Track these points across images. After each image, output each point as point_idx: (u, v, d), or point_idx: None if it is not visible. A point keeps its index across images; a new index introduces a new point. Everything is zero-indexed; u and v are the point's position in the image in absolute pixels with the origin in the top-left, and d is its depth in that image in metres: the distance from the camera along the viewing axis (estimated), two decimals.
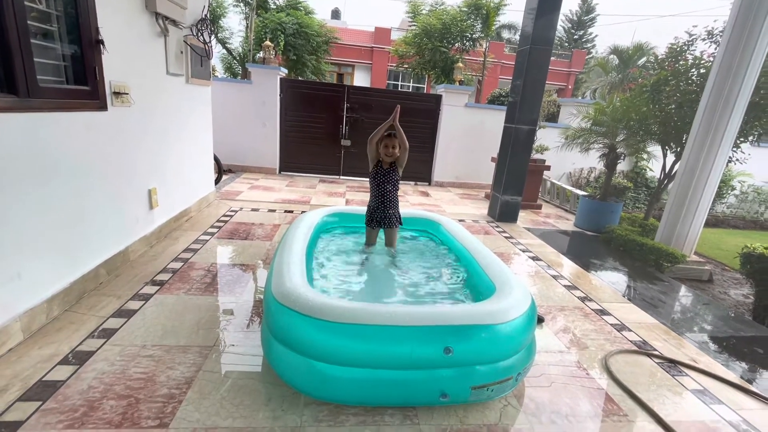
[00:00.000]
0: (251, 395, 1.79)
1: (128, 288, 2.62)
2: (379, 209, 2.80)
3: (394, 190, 2.80)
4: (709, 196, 4.39)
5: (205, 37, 4.06)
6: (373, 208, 2.83)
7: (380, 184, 2.77)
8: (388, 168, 2.77)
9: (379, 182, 2.77)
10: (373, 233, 2.91)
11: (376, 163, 2.80)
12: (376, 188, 2.79)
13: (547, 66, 4.77)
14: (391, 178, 2.77)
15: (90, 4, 2.36)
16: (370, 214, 2.85)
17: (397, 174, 2.79)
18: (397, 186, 2.81)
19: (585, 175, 8.33)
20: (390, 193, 2.78)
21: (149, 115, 3.21)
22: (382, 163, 2.78)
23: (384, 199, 2.78)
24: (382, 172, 2.77)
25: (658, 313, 3.13)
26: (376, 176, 2.78)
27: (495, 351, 1.76)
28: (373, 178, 2.79)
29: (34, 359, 1.88)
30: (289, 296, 1.78)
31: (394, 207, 2.83)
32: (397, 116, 2.66)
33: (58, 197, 2.24)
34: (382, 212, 2.80)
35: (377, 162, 2.79)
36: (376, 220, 2.82)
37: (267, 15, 12.57)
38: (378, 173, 2.77)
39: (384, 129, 2.70)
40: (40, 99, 2.03)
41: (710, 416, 1.94)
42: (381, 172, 2.77)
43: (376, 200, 2.80)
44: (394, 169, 2.77)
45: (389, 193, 2.78)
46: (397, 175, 2.79)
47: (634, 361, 2.34)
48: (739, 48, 3.92)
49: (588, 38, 25.97)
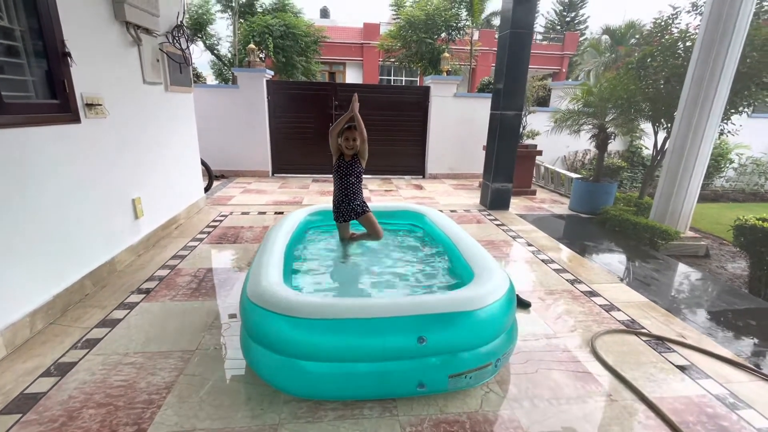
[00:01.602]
0: (231, 396, 1.79)
1: (114, 298, 2.63)
2: (343, 203, 2.78)
3: (358, 182, 2.79)
4: (700, 170, 4.33)
5: (182, 44, 4.06)
6: (338, 202, 2.80)
7: (343, 177, 2.75)
8: (350, 160, 2.76)
9: (341, 175, 2.76)
10: (344, 227, 2.90)
11: (338, 155, 2.79)
12: (339, 180, 2.77)
13: (528, 50, 4.71)
14: (354, 170, 2.76)
15: (53, 17, 2.36)
16: (336, 208, 2.83)
17: (359, 166, 2.77)
18: (360, 178, 2.80)
19: (580, 158, 8.26)
20: (353, 185, 2.77)
21: (127, 125, 3.21)
22: (344, 156, 2.77)
23: (348, 191, 2.77)
24: (345, 165, 2.76)
25: (650, 291, 3.10)
26: (339, 169, 2.77)
27: (471, 338, 1.75)
28: (336, 171, 2.78)
29: (17, 373, 1.89)
30: (262, 295, 1.78)
31: (358, 198, 2.80)
32: (356, 106, 2.65)
33: (35, 211, 2.25)
34: (346, 205, 2.78)
35: (339, 155, 2.78)
36: (342, 214, 2.80)
37: (254, 19, 12.54)
38: (341, 166, 2.76)
39: (344, 121, 2.69)
40: (6, 115, 2.03)
41: (696, 391, 1.92)
42: (343, 165, 2.76)
43: (340, 193, 2.78)
44: (356, 161, 2.76)
45: (352, 186, 2.76)
46: (359, 167, 2.78)
47: (621, 341, 2.32)
48: (721, 17, 3.85)
49: (580, 20, 25.64)
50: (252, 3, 13.38)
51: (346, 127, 2.71)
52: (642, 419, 1.74)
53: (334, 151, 2.78)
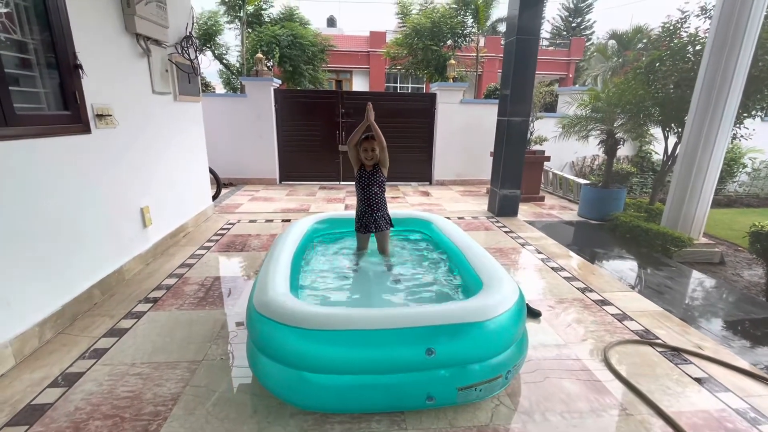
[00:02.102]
0: (237, 408, 1.77)
1: (122, 307, 2.64)
2: (366, 213, 2.77)
3: (381, 192, 2.78)
4: (713, 175, 4.24)
5: (191, 54, 4.11)
6: (360, 213, 2.80)
7: (365, 187, 2.74)
8: (371, 170, 2.74)
9: (364, 185, 2.74)
10: (364, 238, 2.88)
11: (359, 166, 2.77)
12: (361, 192, 2.77)
13: (535, 56, 4.69)
14: (376, 179, 2.74)
15: (66, 30, 2.40)
16: (358, 219, 2.82)
17: (381, 175, 2.76)
18: (383, 187, 2.79)
19: (588, 164, 8.17)
20: (376, 195, 2.76)
21: (137, 135, 3.25)
22: (364, 166, 2.75)
23: (371, 202, 2.75)
24: (366, 175, 2.74)
25: (663, 299, 3.02)
26: (360, 180, 2.75)
27: (481, 349, 1.71)
28: (358, 181, 2.77)
29: (25, 383, 1.90)
30: (268, 306, 1.77)
31: (382, 209, 2.80)
32: (371, 115, 2.64)
33: (46, 221, 2.27)
34: (369, 216, 2.77)
35: (360, 165, 2.77)
36: (364, 225, 2.79)
37: (261, 29, 12.73)
38: (362, 176, 2.75)
39: (361, 131, 2.68)
40: (17, 127, 2.06)
41: (715, 405, 1.85)
42: (365, 175, 2.74)
43: (363, 204, 2.77)
44: (378, 170, 2.74)
45: (375, 196, 2.75)
46: (382, 176, 2.76)
47: (635, 352, 2.26)
48: (732, 20, 3.80)
49: (586, 25, 25.61)
50: (260, 14, 13.59)
51: (363, 137, 2.70)
52: None
53: (355, 163, 2.77)
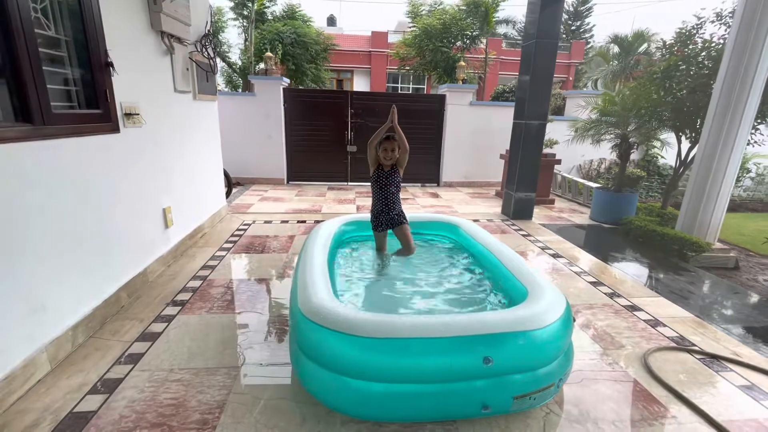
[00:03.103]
0: (285, 416, 1.74)
1: (150, 310, 2.59)
2: (383, 212, 2.79)
3: (397, 192, 2.80)
4: (730, 180, 4.27)
5: (210, 53, 4.06)
6: (377, 212, 2.81)
7: (383, 187, 2.75)
8: (389, 170, 2.76)
9: (381, 185, 2.76)
10: (382, 237, 2.89)
11: (376, 166, 2.78)
12: (378, 191, 2.77)
13: (554, 60, 4.69)
14: (393, 180, 2.76)
15: (98, 27, 2.35)
16: (375, 218, 2.84)
17: (398, 175, 2.78)
18: (399, 187, 2.81)
19: (595, 167, 8.21)
20: (393, 195, 2.78)
21: (160, 134, 3.19)
22: (382, 167, 2.77)
23: (387, 201, 2.77)
24: (384, 175, 2.76)
25: (689, 305, 3.03)
26: (378, 180, 2.76)
27: (535, 358, 1.69)
28: (375, 181, 2.78)
29: (63, 390, 1.85)
30: (318, 312, 1.73)
31: (398, 207, 2.82)
32: (395, 117, 2.64)
33: (77, 223, 2.22)
34: (386, 215, 2.79)
35: (378, 165, 2.77)
36: (382, 223, 2.82)
37: (265, 26, 12.65)
38: (380, 177, 2.76)
39: (383, 132, 2.67)
40: (54, 126, 2.01)
41: (763, 413, 1.85)
42: (383, 175, 2.76)
43: (380, 203, 2.78)
44: (395, 170, 2.76)
45: (392, 195, 2.78)
46: (398, 177, 2.78)
47: (675, 359, 2.26)
48: (753, 26, 3.82)
49: (586, 28, 25.78)
50: (263, 11, 13.51)
51: (384, 137, 2.70)
52: None
53: (372, 162, 2.77)
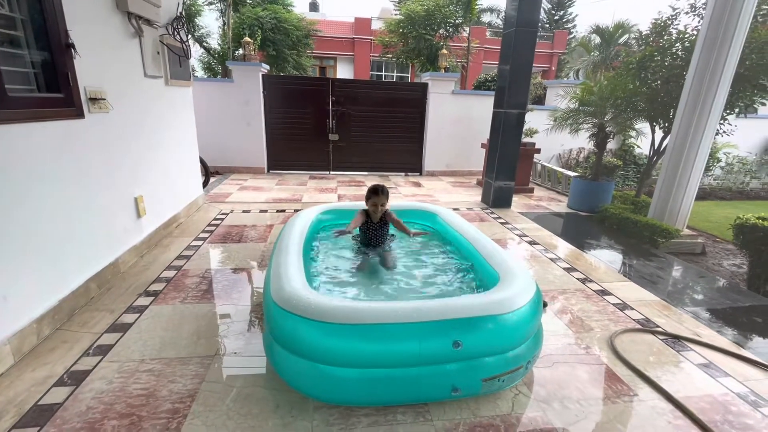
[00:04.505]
0: (258, 403, 1.74)
1: (121, 301, 2.53)
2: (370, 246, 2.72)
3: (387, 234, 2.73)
4: (699, 169, 4.42)
5: (182, 36, 3.92)
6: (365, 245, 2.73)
7: (371, 238, 2.67)
8: (378, 223, 2.63)
9: (370, 237, 2.67)
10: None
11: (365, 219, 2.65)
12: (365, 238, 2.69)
13: (533, 48, 4.71)
14: (383, 231, 2.68)
15: (57, 5, 2.23)
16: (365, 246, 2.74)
17: (387, 228, 2.67)
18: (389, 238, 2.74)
19: (574, 156, 8.36)
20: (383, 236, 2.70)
21: (129, 121, 3.08)
22: (370, 218, 2.62)
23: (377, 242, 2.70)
24: (373, 227, 2.63)
25: (657, 289, 3.15)
26: (366, 231, 2.65)
27: (504, 341, 1.74)
28: (363, 232, 2.67)
29: (28, 383, 1.80)
30: (290, 300, 1.73)
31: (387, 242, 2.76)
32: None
33: (40, 212, 2.14)
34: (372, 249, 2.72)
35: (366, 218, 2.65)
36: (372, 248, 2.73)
37: (244, 10, 12.27)
38: (369, 229, 2.63)
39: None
40: (10, 110, 1.91)
41: (718, 389, 1.95)
42: (372, 227, 2.62)
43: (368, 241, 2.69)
44: (386, 224, 2.65)
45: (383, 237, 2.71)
46: (387, 230, 2.67)
47: (640, 340, 2.35)
48: (723, 20, 3.92)
49: (569, 18, 25.94)
50: None
51: (372, 190, 2.57)
52: (671, 419, 1.75)
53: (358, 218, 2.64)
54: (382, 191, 2.53)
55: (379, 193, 2.53)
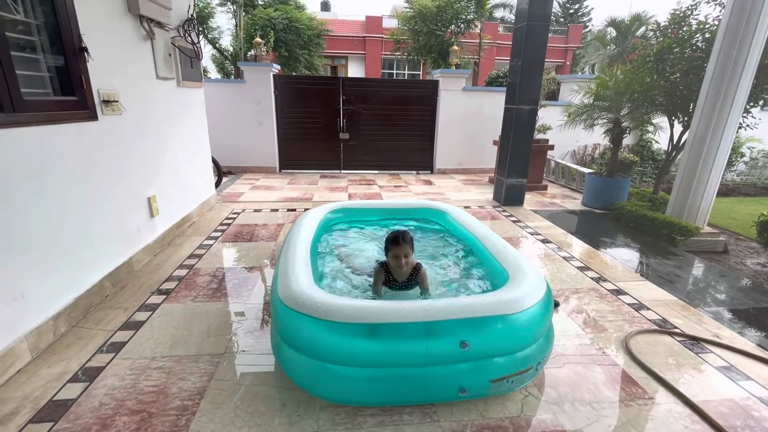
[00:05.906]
0: (265, 402, 1.75)
1: (134, 299, 2.58)
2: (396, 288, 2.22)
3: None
4: (720, 165, 4.26)
5: (193, 38, 3.97)
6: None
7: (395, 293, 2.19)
8: (406, 281, 2.15)
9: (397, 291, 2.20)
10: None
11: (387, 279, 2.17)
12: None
13: (545, 43, 4.62)
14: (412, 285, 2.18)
15: (70, 10, 2.28)
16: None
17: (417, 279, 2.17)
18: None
19: (590, 152, 8.18)
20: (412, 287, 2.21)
21: (142, 122, 3.14)
22: (393, 278, 2.12)
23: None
24: (397, 288, 2.16)
25: (675, 288, 3.05)
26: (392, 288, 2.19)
27: (513, 341, 1.70)
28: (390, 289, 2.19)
29: (44, 379, 1.85)
30: (297, 299, 1.73)
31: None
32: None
33: (56, 212, 2.19)
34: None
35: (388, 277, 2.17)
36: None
37: (256, 11, 12.40)
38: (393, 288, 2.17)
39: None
40: (26, 113, 1.96)
41: (739, 393, 1.87)
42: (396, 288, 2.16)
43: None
44: (414, 277, 2.15)
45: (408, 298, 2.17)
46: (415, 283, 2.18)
47: (655, 341, 2.28)
48: (745, 10, 3.76)
49: (584, 11, 25.37)
50: None
51: (391, 239, 2.03)
52: (688, 423, 1.69)
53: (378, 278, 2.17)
54: (403, 239, 1.98)
55: (400, 242, 1.98)
